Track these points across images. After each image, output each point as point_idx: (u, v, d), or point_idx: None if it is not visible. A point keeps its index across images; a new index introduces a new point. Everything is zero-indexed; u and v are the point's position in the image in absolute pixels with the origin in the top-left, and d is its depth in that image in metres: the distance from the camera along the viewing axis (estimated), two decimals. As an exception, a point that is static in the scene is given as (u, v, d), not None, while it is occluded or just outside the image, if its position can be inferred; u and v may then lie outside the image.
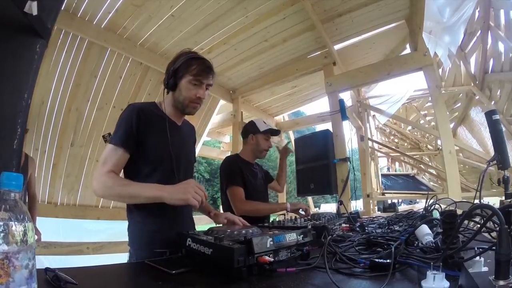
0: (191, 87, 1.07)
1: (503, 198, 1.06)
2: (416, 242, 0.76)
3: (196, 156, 1.38)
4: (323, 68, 3.28)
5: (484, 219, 0.52)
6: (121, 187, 0.94)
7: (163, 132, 1.05)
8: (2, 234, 0.36)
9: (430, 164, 5.92)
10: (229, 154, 5.47)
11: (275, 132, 1.97)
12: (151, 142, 1.03)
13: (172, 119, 1.13)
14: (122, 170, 1.03)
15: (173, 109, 1.14)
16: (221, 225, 1.19)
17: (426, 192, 3.94)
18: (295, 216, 1.29)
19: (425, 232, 0.72)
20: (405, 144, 7.18)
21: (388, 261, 0.60)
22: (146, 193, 0.91)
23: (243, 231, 0.79)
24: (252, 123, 1.93)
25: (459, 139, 5.02)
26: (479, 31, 3.40)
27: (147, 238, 1.03)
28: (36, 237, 2.31)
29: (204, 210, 1.28)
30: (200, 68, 1.07)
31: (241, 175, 1.75)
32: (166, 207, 0.90)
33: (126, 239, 1.09)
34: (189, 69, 1.06)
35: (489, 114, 1.22)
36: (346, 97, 4.16)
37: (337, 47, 3.36)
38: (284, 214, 1.88)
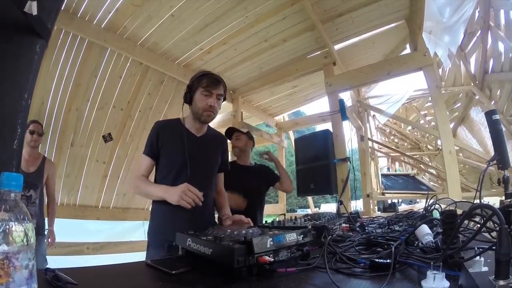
0: (203, 97, 1.25)
1: (503, 198, 1.06)
2: (416, 242, 0.76)
3: (225, 162, 1.49)
4: (323, 68, 3.27)
5: (484, 219, 0.52)
6: (144, 187, 1.25)
7: (180, 142, 1.27)
8: (2, 234, 0.36)
9: (430, 164, 5.92)
10: (228, 154, 5.47)
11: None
12: (167, 150, 1.28)
13: (191, 131, 1.33)
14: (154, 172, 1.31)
15: (193, 121, 1.33)
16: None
17: (426, 192, 3.93)
18: (295, 216, 1.29)
19: (425, 232, 0.72)
20: (405, 144, 7.17)
21: (388, 261, 0.60)
22: (155, 192, 1.20)
23: (243, 231, 0.79)
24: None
25: (459, 139, 5.02)
26: (479, 31, 3.40)
27: (163, 232, 1.19)
28: (49, 240, 2.26)
29: (219, 212, 1.41)
30: (209, 80, 1.26)
31: None
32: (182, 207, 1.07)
33: (126, 239, 1.11)
34: (200, 82, 1.26)
35: (489, 114, 1.22)
36: (346, 97, 4.16)
37: (337, 47, 3.35)
38: (284, 214, 1.87)
